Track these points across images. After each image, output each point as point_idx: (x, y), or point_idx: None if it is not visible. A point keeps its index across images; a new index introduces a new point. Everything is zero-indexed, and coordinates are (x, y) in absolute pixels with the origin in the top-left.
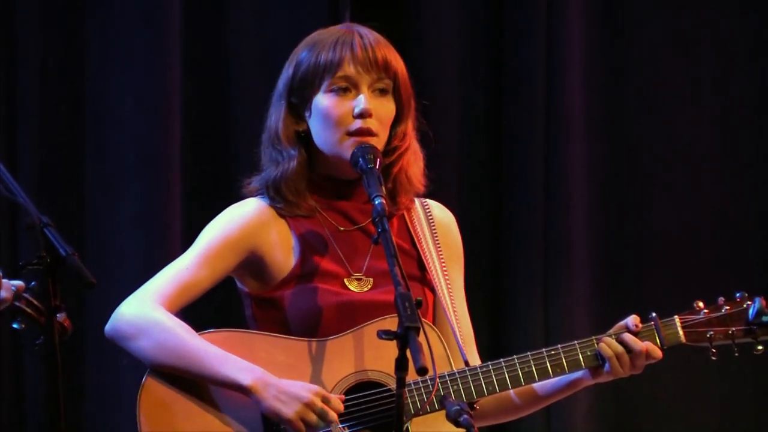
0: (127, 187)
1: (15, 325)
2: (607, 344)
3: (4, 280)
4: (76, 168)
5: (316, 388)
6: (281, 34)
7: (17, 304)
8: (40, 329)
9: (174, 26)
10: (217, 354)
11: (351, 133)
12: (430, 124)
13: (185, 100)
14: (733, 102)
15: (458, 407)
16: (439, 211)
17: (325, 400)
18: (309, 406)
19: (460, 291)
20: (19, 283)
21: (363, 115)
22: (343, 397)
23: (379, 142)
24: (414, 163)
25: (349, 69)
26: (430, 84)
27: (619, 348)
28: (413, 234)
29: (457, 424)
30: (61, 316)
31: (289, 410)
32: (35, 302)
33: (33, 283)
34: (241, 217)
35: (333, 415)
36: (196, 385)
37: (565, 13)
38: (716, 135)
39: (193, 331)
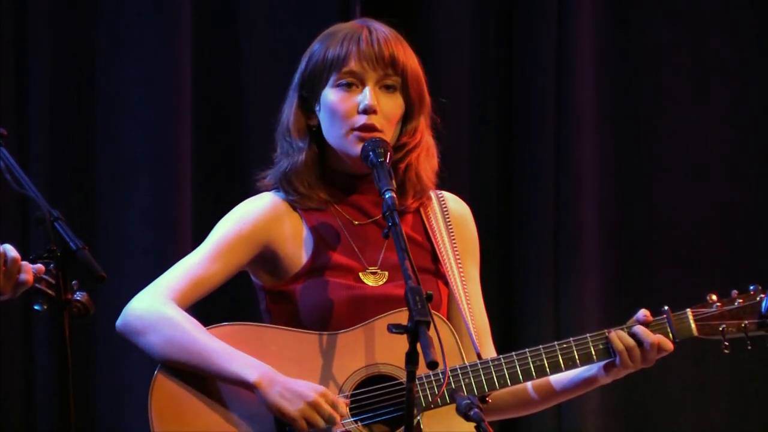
0: (137, 181)
1: (36, 307)
2: (619, 337)
3: (24, 263)
4: (87, 161)
5: (321, 388)
6: (292, 28)
7: (37, 285)
8: (61, 310)
9: (185, 19)
10: (225, 350)
11: (355, 129)
12: (441, 118)
13: (196, 93)
14: (744, 96)
15: (468, 401)
16: (455, 203)
17: (333, 404)
18: (313, 405)
19: (476, 283)
20: (38, 266)
21: (367, 111)
22: (348, 401)
23: (384, 138)
24: (425, 160)
25: (355, 65)
26: (441, 79)
27: (630, 341)
28: (428, 226)
29: (467, 418)
30: (82, 295)
31: (292, 408)
32: (54, 283)
33: (51, 265)
34: (255, 212)
35: (337, 418)
36: (207, 380)
37: (576, 8)
38: (727, 129)
39: (202, 327)
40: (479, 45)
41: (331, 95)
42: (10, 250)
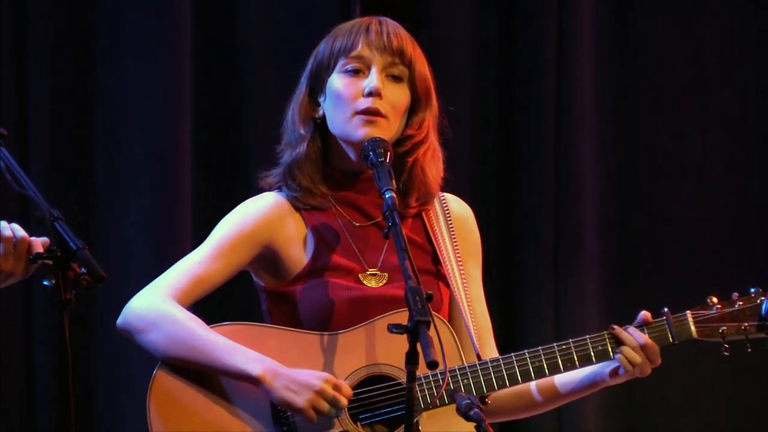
0: (138, 181)
1: (46, 282)
2: (633, 349)
3: (33, 239)
4: (87, 162)
5: (325, 375)
6: (292, 27)
7: (43, 261)
8: (66, 282)
9: (184, 20)
10: (227, 345)
11: (359, 112)
12: (441, 118)
13: (196, 93)
14: (744, 94)
15: (468, 401)
16: (456, 205)
17: (336, 387)
18: (320, 393)
19: (477, 285)
20: (44, 239)
21: (372, 93)
22: (353, 383)
23: (389, 127)
24: (431, 159)
25: (363, 50)
26: (441, 78)
27: (635, 344)
28: (429, 228)
29: (468, 418)
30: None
31: (300, 399)
32: (51, 253)
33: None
34: (256, 211)
35: (344, 401)
36: (205, 377)
37: (576, 7)
38: (727, 127)
39: (203, 324)
40: (479, 45)
41: (336, 81)
42: (18, 230)
